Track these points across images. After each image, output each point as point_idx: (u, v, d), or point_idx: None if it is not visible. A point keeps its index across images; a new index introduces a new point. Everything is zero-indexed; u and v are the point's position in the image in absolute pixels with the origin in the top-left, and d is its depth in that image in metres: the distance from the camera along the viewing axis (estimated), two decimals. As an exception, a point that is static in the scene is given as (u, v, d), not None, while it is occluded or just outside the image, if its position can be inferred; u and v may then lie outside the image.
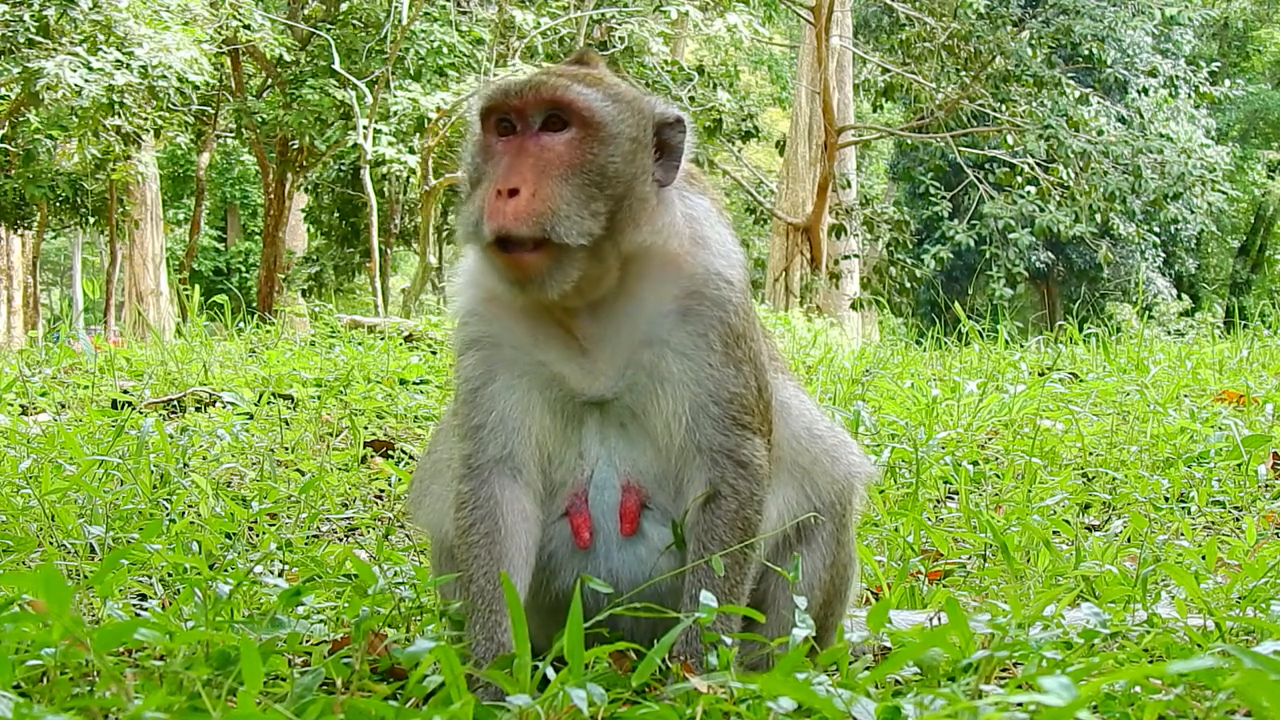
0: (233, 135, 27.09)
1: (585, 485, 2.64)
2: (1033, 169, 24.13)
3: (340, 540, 4.34)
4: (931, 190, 27.42)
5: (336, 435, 5.90)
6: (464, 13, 22.42)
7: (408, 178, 22.64)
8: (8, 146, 21.32)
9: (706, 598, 2.47)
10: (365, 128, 20.43)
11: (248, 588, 3.14)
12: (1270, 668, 1.74)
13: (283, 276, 26.42)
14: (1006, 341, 9.09)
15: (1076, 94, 24.41)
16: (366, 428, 6.00)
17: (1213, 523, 4.54)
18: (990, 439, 5.87)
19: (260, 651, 2.11)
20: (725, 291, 2.60)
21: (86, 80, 16.39)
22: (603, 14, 21.92)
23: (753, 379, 2.61)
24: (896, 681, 2.56)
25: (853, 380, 7.21)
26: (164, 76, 16.91)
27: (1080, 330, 9.64)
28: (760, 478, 2.60)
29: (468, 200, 2.54)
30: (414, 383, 7.28)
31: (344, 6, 22.60)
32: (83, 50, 16.60)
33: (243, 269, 37.73)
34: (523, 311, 2.62)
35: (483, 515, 2.59)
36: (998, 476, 5.12)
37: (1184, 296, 33.63)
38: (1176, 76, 26.97)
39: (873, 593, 3.57)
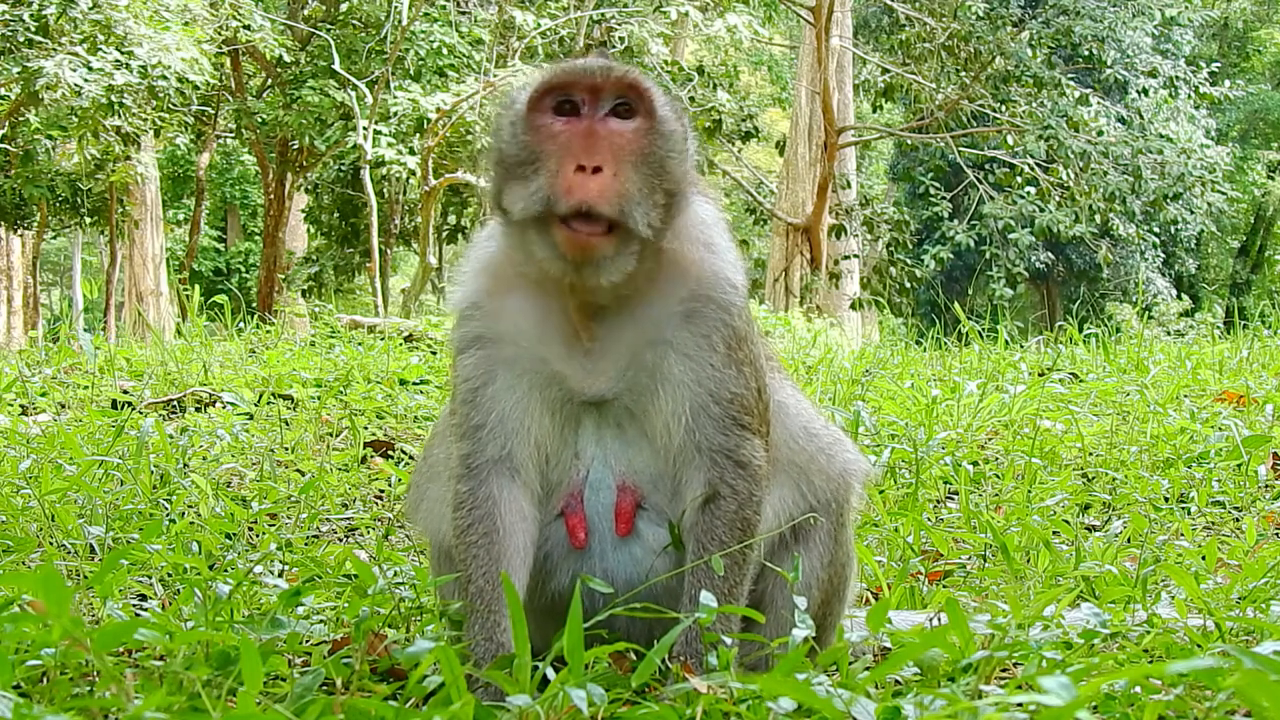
0: (233, 135, 27.08)
1: (581, 485, 2.64)
2: (1032, 169, 24.13)
3: (340, 540, 4.34)
4: (931, 190, 27.41)
5: (336, 435, 5.90)
6: (464, 13, 22.41)
7: (407, 178, 22.62)
8: (7, 147, 21.30)
9: (706, 598, 2.48)
10: (365, 128, 20.43)
11: (248, 588, 3.14)
12: (1270, 668, 1.74)
13: (283, 277, 26.41)
14: (1006, 342, 9.09)
15: (1076, 94, 24.41)
16: (366, 428, 6.00)
17: (1213, 523, 4.54)
18: (990, 439, 5.87)
19: (260, 651, 2.11)
20: (731, 295, 2.61)
21: (86, 80, 16.38)
22: (603, 14, 21.92)
23: (753, 380, 2.62)
24: (896, 681, 2.56)
25: (852, 380, 7.21)
26: (164, 76, 16.89)
27: (1080, 330, 9.65)
28: (759, 478, 2.61)
29: (510, 180, 2.48)
30: (414, 383, 7.28)
31: (344, 7, 22.59)
32: (82, 50, 16.59)
33: (243, 269, 37.71)
34: (529, 304, 2.61)
35: (481, 515, 2.59)
36: (998, 477, 5.12)
37: (1184, 297, 33.61)
38: (1176, 77, 26.96)
39: (872, 593, 3.57)
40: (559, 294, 2.57)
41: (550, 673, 2.23)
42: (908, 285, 25.64)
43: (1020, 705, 1.98)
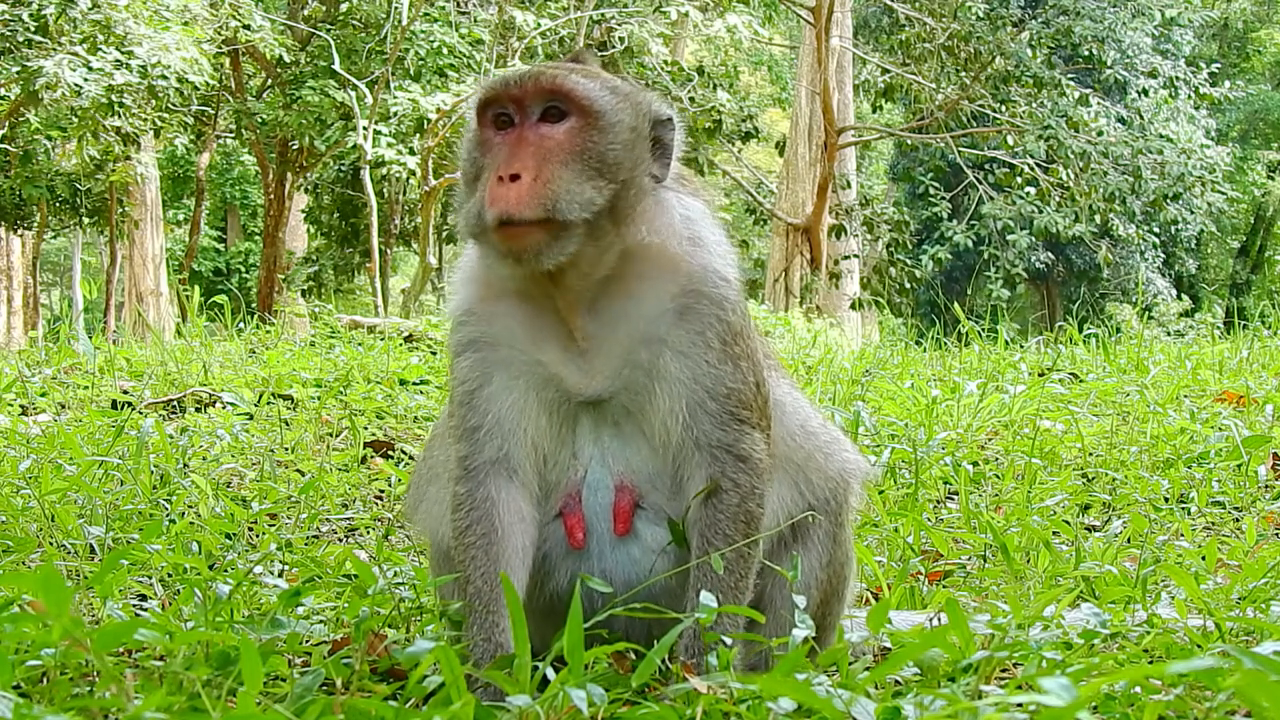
0: (233, 136, 27.06)
1: (579, 485, 2.65)
2: (1032, 169, 24.14)
3: (340, 540, 4.34)
4: (931, 191, 27.41)
5: (336, 435, 5.90)
6: (464, 13, 22.40)
7: (407, 178, 22.61)
8: (7, 147, 21.29)
9: (707, 597, 2.48)
10: (365, 128, 20.42)
11: (248, 588, 3.14)
12: (1270, 668, 1.74)
13: (283, 277, 26.40)
14: (1006, 342, 9.09)
15: (1076, 95, 24.40)
16: (366, 428, 6.00)
17: (1213, 523, 4.54)
18: (990, 439, 5.87)
19: (260, 652, 2.11)
20: (723, 289, 2.62)
21: (86, 80, 16.37)
22: (603, 14, 21.92)
23: (750, 375, 2.62)
24: (896, 682, 2.56)
25: (853, 381, 7.21)
26: (164, 76, 16.88)
27: (1080, 331, 9.64)
28: (760, 471, 2.61)
29: (467, 195, 2.58)
30: (414, 383, 7.28)
31: (344, 7, 22.57)
32: (82, 50, 16.58)
33: (243, 269, 37.69)
34: (521, 308, 2.62)
35: (479, 516, 2.60)
36: (998, 477, 5.12)
37: (1184, 297, 33.59)
38: (1176, 77, 26.95)
39: (873, 593, 3.57)
40: (546, 296, 2.59)
41: (550, 673, 2.23)
42: (907, 285, 25.63)
43: (1020, 705, 1.98)
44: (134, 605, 3.26)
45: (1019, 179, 24.67)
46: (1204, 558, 3.66)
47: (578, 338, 2.61)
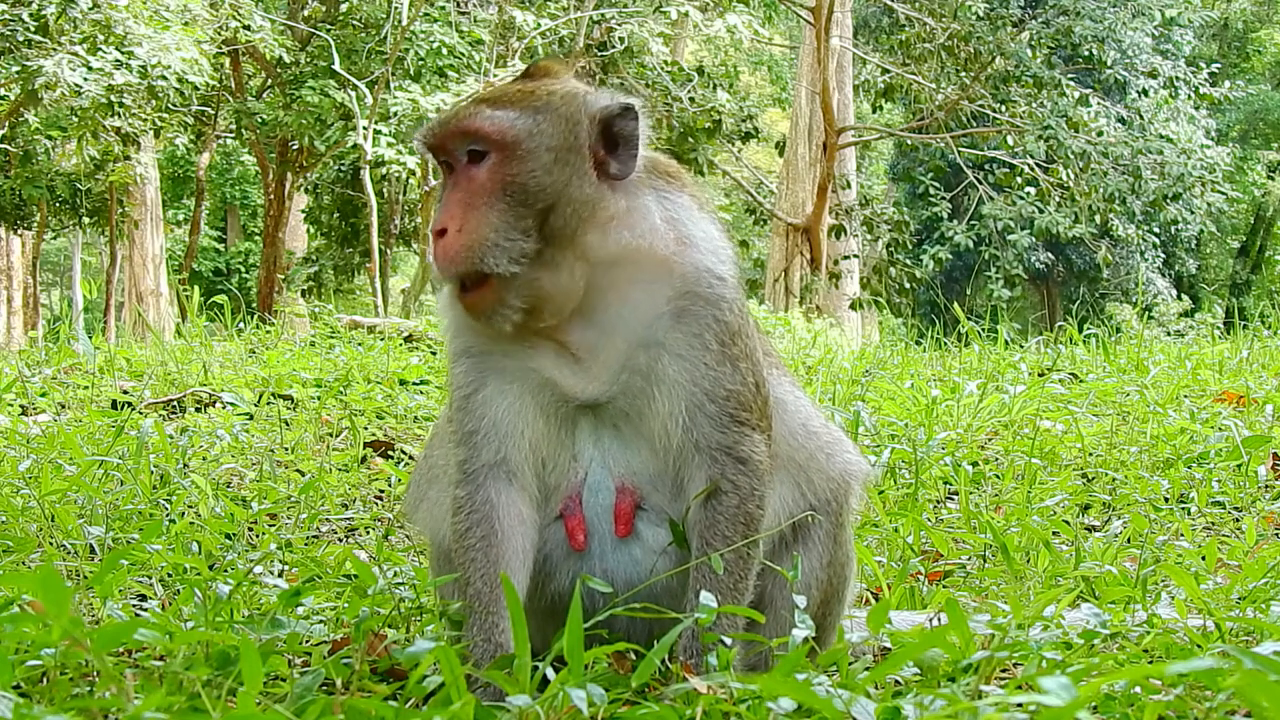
0: (233, 136, 27.06)
1: (579, 488, 2.64)
2: (1032, 170, 24.15)
3: (340, 540, 4.34)
4: (931, 191, 27.41)
5: (336, 435, 5.90)
6: (464, 13, 22.40)
7: (407, 178, 22.61)
8: (7, 147, 21.29)
9: (706, 598, 2.48)
10: (365, 128, 20.42)
11: (248, 588, 3.14)
12: (1270, 668, 1.74)
13: (283, 277, 26.39)
14: (1006, 342, 9.09)
15: (1076, 95, 24.41)
16: (366, 428, 5.99)
17: (1213, 523, 4.54)
18: (990, 440, 5.87)
19: (260, 652, 2.11)
20: (719, 289, 2.59)
21: (86, 80, 16.37)
22: (603, 14, 21.91)
23: (750, 375, 2.61)
24: (896, 682, 2.56)
25: (852, 381, 7.21)
26: (164, 76, 16.88)
27: (1080, 331, 9.64)
28: (761, 473, 2.60)
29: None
30: (414, 383, 7.28)
31: (344, 7, 22.57)
32: (82, 50, 16.58)
33: (243, 269, 37.68)
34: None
35: (479, 519, 2.60)
36: (998, 477, 5.12)
37: (1184, 297, 33.58)
38: (1176, 77, 26.95)
39: (873, 593, 3.57)
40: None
41: (550, 673, 2.23)
42: (907, 285, 25.63)
43: (1020, 705, 1.98)
44: (134, 605, 3.26)
45: (1019, 179, 24.70)
46: (1204, 558, 3.66)
47: (571, 349, 2.60)
